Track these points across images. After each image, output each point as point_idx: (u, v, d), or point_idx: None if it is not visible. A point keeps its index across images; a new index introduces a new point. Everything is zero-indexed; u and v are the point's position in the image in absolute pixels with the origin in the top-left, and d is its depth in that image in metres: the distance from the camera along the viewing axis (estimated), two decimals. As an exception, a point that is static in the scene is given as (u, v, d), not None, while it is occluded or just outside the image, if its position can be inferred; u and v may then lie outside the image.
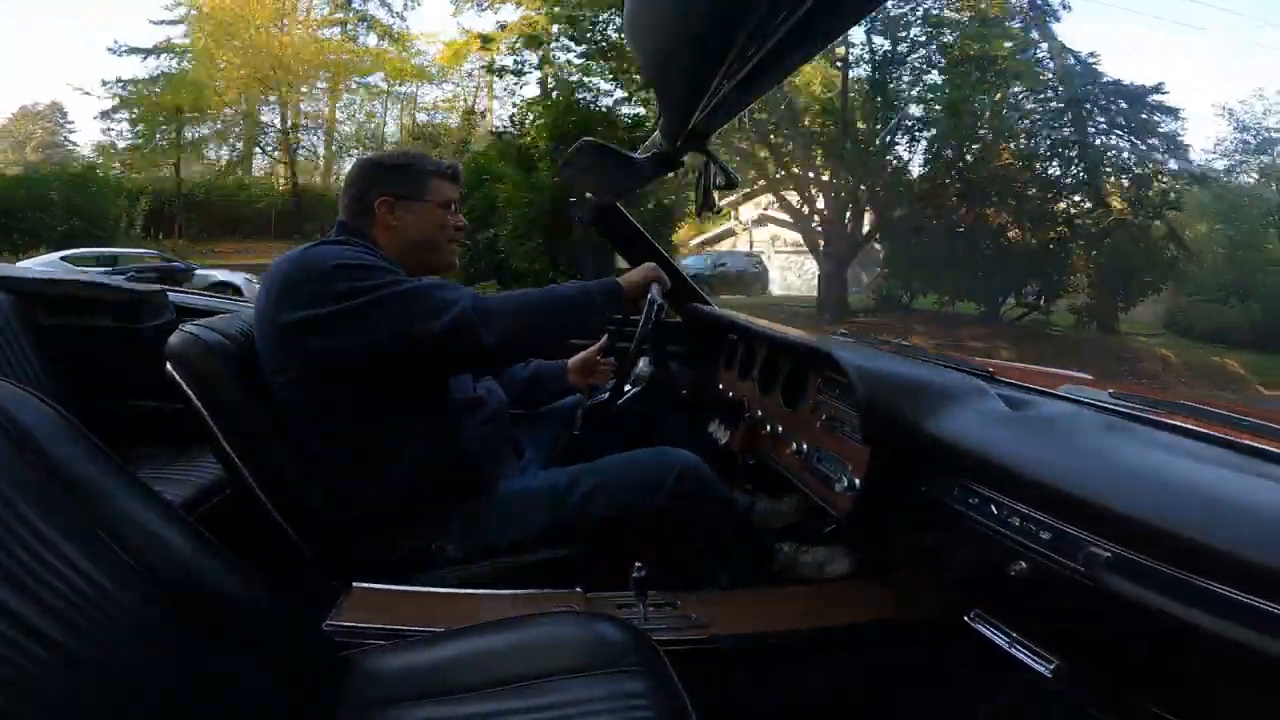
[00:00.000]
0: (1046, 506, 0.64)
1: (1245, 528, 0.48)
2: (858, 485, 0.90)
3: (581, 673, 0.71)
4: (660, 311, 1.21)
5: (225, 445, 0.97)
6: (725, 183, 1.34)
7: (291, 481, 1.00)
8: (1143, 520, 0.53)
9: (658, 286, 1.20)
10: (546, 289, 1.09)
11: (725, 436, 1.41)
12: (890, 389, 0.85)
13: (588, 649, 0.74)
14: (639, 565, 0.88)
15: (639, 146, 1.42)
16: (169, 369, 0.98)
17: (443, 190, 1.13)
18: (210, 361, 0.97)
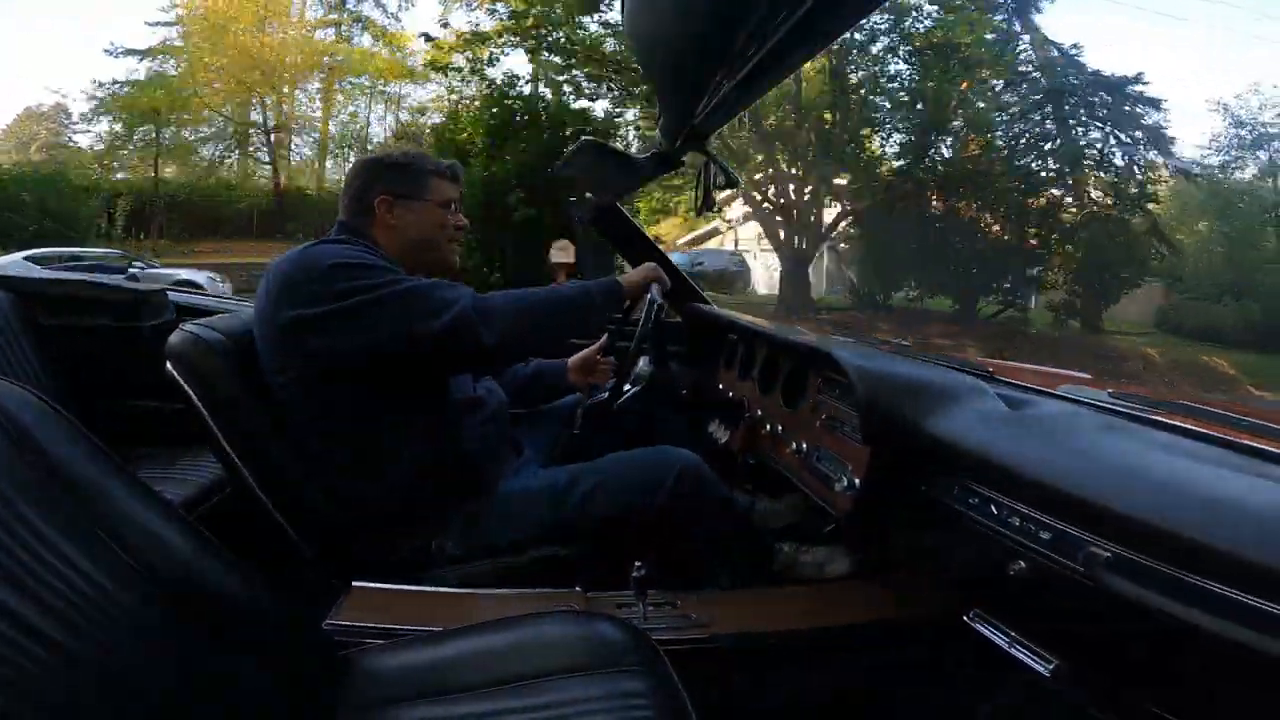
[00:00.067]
0: (1046, 506, 0.64)
1: (1245, 528, 0.48)
2: (858, 485, 0.91)
3: (581, 672, 0.71)
4: (660, 311, 1.21)
5: (225, 445, 0.97)
6: (725, 182, 1.34)
7: (291, 481, 0.99)
8: (1142, 520, 0.54)
9: (658, 286, 1.20)
10: (548, 288, 1.09)
11: (725, 436, 1.41)
12: (890, 389, 0.85)
13: (587, 648, 0.74)
14: (639, 565, 0.88)
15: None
16: (169, 368, 0.98)
17: (443, 190, 1.13)
18: (210, 361, 0.97)
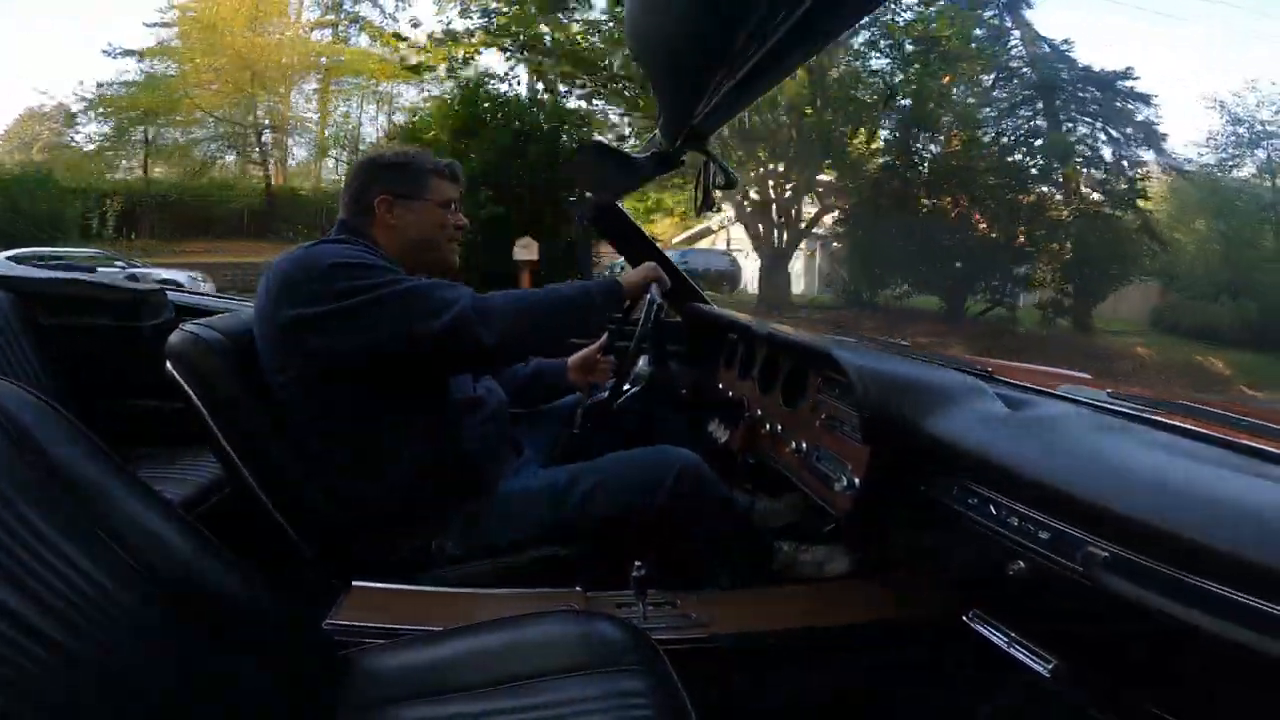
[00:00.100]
0: (1045, 506, 0.64)
1: (1245, 528, 0.48)
2: (857, 485, 0.91)
3: (581, 672, 0.71)
4: (660, 311, 1.21)
5: (225, 444, 0.97)
6: (725, 182, 1.34)
7: (291, 481, 0.99)
8: (1142, 520, 0.53)
9: (657, 286, 1.20)
10: (547, 288, 1.09)
11: (725, 436, 1.41)
12: (890, 389, 0.85)
13: (587, 648, 0.74)
14: (638, 564, 0.88)
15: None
16: (169, 368, 0.98)
17: (442, 189, 1.12)
18: (210, 360, 0.97)
